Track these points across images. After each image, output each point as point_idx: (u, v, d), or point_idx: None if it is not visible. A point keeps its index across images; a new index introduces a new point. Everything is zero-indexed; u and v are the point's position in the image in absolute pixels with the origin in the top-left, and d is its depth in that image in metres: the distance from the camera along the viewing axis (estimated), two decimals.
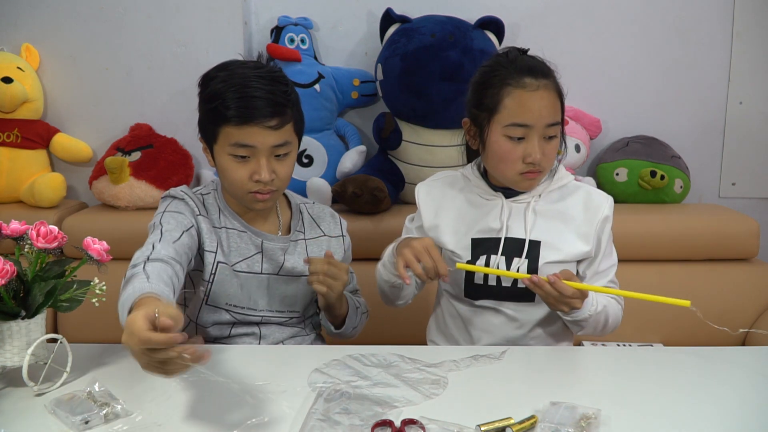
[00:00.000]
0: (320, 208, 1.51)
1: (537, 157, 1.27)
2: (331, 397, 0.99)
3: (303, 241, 1.43)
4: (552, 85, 1.29)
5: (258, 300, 1.38)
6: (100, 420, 0.92)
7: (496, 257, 1.34)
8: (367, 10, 2.26)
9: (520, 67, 1.29)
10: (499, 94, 1.28)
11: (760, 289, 1.99)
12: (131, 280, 1.05)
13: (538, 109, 1.26)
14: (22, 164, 2.15)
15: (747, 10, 2.25)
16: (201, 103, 1.30)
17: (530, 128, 1.27)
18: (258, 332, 1.40)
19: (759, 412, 1.00)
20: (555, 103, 1.29)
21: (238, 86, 1.23)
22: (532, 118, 1.26)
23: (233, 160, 1.27)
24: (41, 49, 2.22)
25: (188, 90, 2.21)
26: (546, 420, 0.92)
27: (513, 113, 1.27)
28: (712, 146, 2.34)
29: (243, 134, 1.24)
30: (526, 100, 1.26)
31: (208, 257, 1.32)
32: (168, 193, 1.36)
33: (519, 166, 1.29)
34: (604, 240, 1.36)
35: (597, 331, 1.33)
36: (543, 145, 1.28)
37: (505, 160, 1.30)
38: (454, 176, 1.46)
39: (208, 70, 1.30)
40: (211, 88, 1.26)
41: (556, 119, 1.29)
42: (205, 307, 1.36)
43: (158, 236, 1.22)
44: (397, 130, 2.12)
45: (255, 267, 1.37)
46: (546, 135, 1.28)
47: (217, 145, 1.28)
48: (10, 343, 1.01)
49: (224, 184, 1.34)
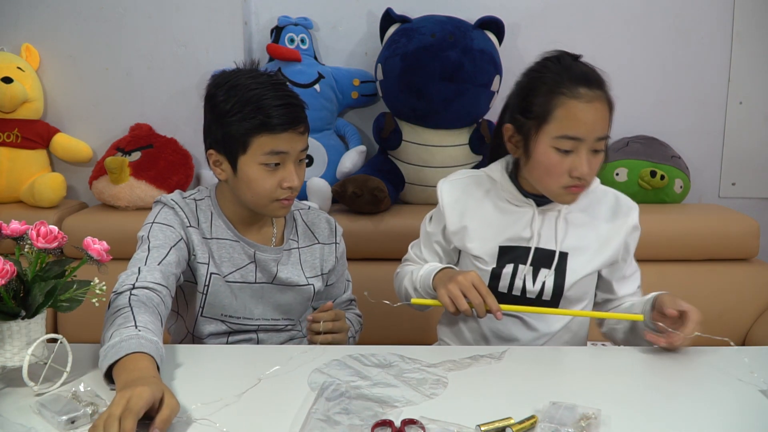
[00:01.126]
0: (316, 213, 1.48)
1: (584, 171, 1.21)
2: (331, 397, 0.99)
3: (297, 250, 1.42)
4: (605, 97, 1.23)
5: (253, 309, 1.38)
6: (86, 420, 0.92)
7: (524, 267, 1.31)
8: (367, 10, 2.26)
9: (574, 76, 1.22)
10: (551, 102, 1.21)
11: (760, 289, 1.99)
12: (116, 321, 1.05)
13: (592, 122, 1.20)
14: (22, 164, 2.15)
15: (747, 11, 2.25)
16: (221, 116, 1.25)
17: (581, 141, 1.20)
18: (256, 338, 1.40)
19: (759, 412, 1.00)
20: (607, 116, 1.23)
21: (268, 96, 1.22)
22: (584, 131, 1.20)
23: (264, 170, 1.25)
24: (41, 49, 2.22)
25: (188, 90, 2.24)
26: (546, 420, 0.92)
27: (565, 125, 1.20)
28: (712, 146, 2.34)
29: (279, 141, 1.23)
30: (579, 112, 1.19)
31: (201, 269, 1.32)
32: (159, 199, 1.34)
33: (564, 179, 1.23)
34: (632, 248, 1.35)
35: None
36: (590, 159, 1.22)
37: (551, 172, 1.23)
38: (479, 177, 1.39)
39: (214, 84, 1.28)
40: (239, 99, 1.22)
41: (607, 132, 1.23)
42: (201, 318, 1.36)
43: (144, 255, 1.22)
44: (397, 130, 2.12)
45: (249, 277, 1.36)
46: (594, 148, 1.22)
47: (246, 155, 1.24)
48: (10, 343, 1.01)
49: (246, 195, 1.29)
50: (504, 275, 1.32)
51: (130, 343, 0.99)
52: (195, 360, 1.14)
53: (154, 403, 0.88)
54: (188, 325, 1.38)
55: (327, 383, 1.03)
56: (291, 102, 1.24)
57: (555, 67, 1.24)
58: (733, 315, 1.97)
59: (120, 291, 1.14)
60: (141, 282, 1.16)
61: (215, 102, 1.26)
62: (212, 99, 1.27)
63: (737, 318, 1.97)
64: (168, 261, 1.23)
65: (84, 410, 0.93)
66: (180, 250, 1.27)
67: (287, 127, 1.23)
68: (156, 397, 0.88)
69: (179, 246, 1.27)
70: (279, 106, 1.22)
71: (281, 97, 1.23)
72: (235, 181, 1.29)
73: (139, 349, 0.99)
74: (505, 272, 1.32)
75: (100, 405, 0.94)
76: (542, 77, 1.24)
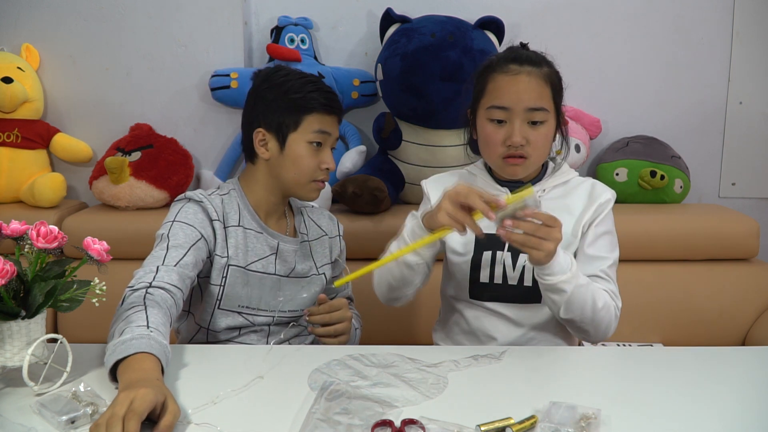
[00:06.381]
0: (318, 210, 1.57)
1: (516, 140, 1.27)
2: (331, 397, 0.99)
3: (307, 243, 1.48)
4: (538, 73, 1.29)
5: (269, 300, 1.41)
6: (86, 420, 0.92)
7: (502, 253, 1.34)
8: (367, 10, 2.26)
9: (508, 55, 1.32)
10: (485, 79, 1.32)
11: (760, 289, 1.99)
12: (129, 317, 1.06)
13: (516, 92, 1.27)
14: (22, 164, 2.15)
15: (747, 10, 2.25)
16: (278, 94, 1.37)
17: (510, 111, 1.28)
18: (267, 330, 1.43)
19: (759, 412, 1.00)
20: (540, 90, 1.29)
21: (317, 83, 1.39)
22: (510, 100, 1.27)
23: (310, 148, 1.37)
24: (41, 49, 2.22)
25: (188, 90, 2.24)
26: (546, 420, 0.92)
27: (493, 96, 1.30)
28: (712, 146, 2.34)
29: (325, 122, 1.38)
30: (506, 84, 1.28)
31: (218, 262, 1.34)
32: (184, 196, 1.37)
33: (501, 149, 1.30)
34: (597, 221, 1.33)
35: (587, 317, 1.23)
36: (526, 130, 1.28)
37: (488, 143, 1.31)
38: (461, 173, 1.46)
39: (266, 73, 1.41)
40: (292, 83, 1.37)
41: (540, 105, 1.28)
42: (218, 311, 1.38)
43: (163, 253, 1.24)
44: (397, 130, 2.12)
45: (269, 268, 1.40)
46: (530, 120, 1.28)
47: (297, 132, 1.36)
48: (10, 343, 1.01)
49: (289, 173, 1.38)
50: (483, 264, 1.35)
51: (141, 342, 1.00)
52: (195, 359, 1.14)
53: (156, 406, 0.88)
54: (201, 320, 1.39)
55: (327, 383, 1.03)
56: (333, 92, 1.40)
57: (500, 54, 1.35)
58: (733, 315, 1.97)
59: (136, 288, 1.15)
60: (158, 282, 1.17)
61: (271, 85, 1.38)
62: (266, 83, 1.39)
63: (737, 318, 1.97)
64: (185, 262, 1.25)
65: (84, 410, 0.93)
66: (199, 250, 1.29)
67: (332, 111, 1.39)
68: (158, 401, 0.88)
69: (198, 246, 1.29)
70: (327, 92, 1.39)
71: (326, 87, 1.40)
72: (280, 159, 1.38)
73: (147, 349, 0.99)
74: (484, 261, 1.34)
75: (100, 405, 0.94)
76: (487, 62, 1.35)
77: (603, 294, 1.26)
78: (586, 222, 1.34)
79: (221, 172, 2.23)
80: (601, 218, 1.34)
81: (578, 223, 1.34)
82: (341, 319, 1.35)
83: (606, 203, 1.35)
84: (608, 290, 1.29)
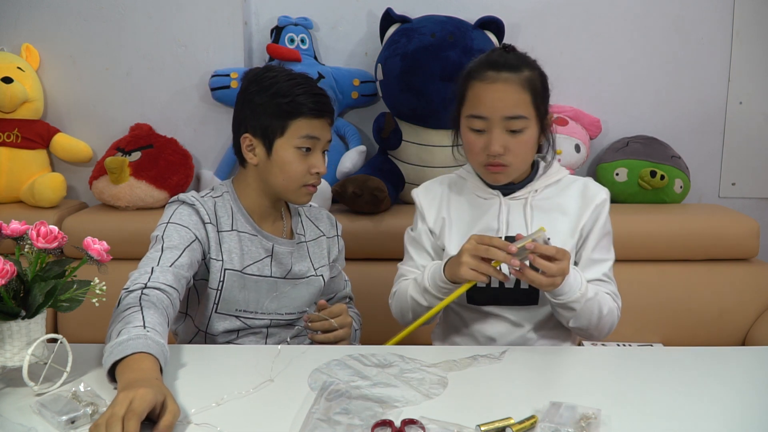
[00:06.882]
0: (317, 210, 1.55)
1: (494, 149, 1.26)
2: (331, 397, 0.99)
3: (305, 244, 1.47)
4: (516, 79, 1.26)
5: (267, 303, 1.40)
6: (86, 420, 0.92)
7: None
8: (367, 10, 2.26)
9: (487, 61, 1.30)
10: (465, 87, 1.32)
11: (760, 289, 1.99)
12: (125, 318, 1.06)
13: (491, 101, 1.26)
14: (22, 164, 2.15)
15: (747, 10, 2.25)
16: (265, 98, 1.33)
17: (488, 120, 1.27)
18: (266, 333, 1.42)
19: (759, 412, 1.00)
20: (517, 97, 1.26)
21: (305, 85, 1.34)
22: (486, 110, 1.27)
23: (298, 153, 1.34)
24: (41, 49, 2.22)
25: (188, 90, 2.24)
26: (546, 420, 0.92)
27: (472, 104, 1.29)
28: (712, 146, 2.34)
29: (313, 127, 1.34)
30: (482, 92, 1.27)
31: (214, 265, 1.34)
32: (177, 198, 1.36)
33: (482, 157, 1.30)
34: (598, 225, 1.34)
35: (593, 324, 1.27)
36: (506, 139, 1.27)
37: (470, 151, 1.32)
38: (450, 178, 1.46)
39: (253, 75, 1.37)
40: (279, 85, 1.33)
41: (517, 113, 1.26)
42: (215, 315, 1.37)
43: (158, 255, 1.24)
44: (397, 130, 2.12)
45: (265, 270, 1.39)
46: (508, 128, 1.27)
47: (283, 138, 1.33)
48: (10, 343, 1.01)
49: (278, 179, 1.35)
50: None
51: (137, 342, 1.00)
52: (195, 360, 1.14)
53: (156, 405, 0.88)
54: (199, 323, 1.39)
55: (327, 383, 1.03)
56: (323, 93, 1.37)
57: (479, 58, 1.32)
58: (733, 315, 1.97)
59: (132, 289, 1.15)
60: (153, 282, 1.17)
61: (259, 87, 1.34)
62: (254, 85, 1.35)
63: (737, 318, 1.97)
64: (180, 263, 1.25)
65: (84, 410, 0.93)
66: (193, 251, 1.29)
67: (321, 114, 1.35)
68: (158, 401, 0.88)
69: (193, 247, 1.29)
70: (316, 95, 1.34)
71: (315, 89, 1.36)
72: (267, 165, 1.35)
73: (145, 349, 0.99)
74: None
75: (100, 405, 0.94)
76: (468, 67, 1.33)
77: (607, 299, 1.30)
78: (585, 225, 1.34)
79: (221, 172, 2.23)
80: (601, 222, 1.35)
81: (574, 223, 1.34)
82: (341, 325, 1.33)
83: (602, 204, 1.35)
84: (610, 292, 1.33)
